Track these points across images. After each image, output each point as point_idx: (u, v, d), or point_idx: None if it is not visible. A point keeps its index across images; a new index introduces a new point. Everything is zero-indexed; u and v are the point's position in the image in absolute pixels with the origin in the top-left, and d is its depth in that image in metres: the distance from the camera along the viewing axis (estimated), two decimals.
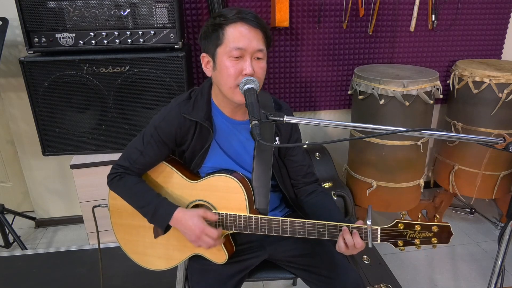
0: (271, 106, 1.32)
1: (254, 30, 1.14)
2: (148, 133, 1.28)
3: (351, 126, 1.11)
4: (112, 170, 1.32)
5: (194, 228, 1.21)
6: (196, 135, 1.28)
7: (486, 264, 2.28)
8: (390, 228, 1.13)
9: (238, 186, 1.25)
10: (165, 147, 1.29)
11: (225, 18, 1.14)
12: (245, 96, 1.11)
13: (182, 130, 1.27)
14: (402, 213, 1.14)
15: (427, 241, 1.12)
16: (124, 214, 1.36)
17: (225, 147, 1.32)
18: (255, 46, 1.14)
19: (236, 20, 1.13)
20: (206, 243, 1.22)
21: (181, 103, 1.28)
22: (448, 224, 1.11)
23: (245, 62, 1.14)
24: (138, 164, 1.29)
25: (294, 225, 1.21)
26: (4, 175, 2.69)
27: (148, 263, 1.39)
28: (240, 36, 1.13)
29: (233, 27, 1.14)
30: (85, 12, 1.86)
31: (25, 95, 2.03)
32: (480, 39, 2.62)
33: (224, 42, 1.15)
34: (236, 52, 1.13)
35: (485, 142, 1.04)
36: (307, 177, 1.41)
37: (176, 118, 1.26)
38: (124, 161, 1.30)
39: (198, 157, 1.30)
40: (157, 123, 1.27)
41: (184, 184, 1.30)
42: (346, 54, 2.52)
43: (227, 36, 1.14)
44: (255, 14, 1.16)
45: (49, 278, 2.01)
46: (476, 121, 2.33)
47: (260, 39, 1.15)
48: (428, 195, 2.83)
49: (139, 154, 1.28)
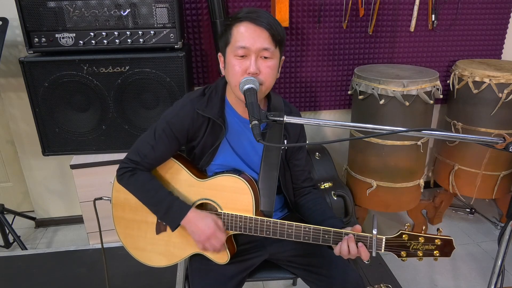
0: (281, 108, 1.34)
1: (260, 29, 1.14)
2: (160, 127, 1.28)
3: (351, 126, 1.11)
4: (122, 164, 1.30)
5: (206, 229, 1.22)
6: (208, 131, 1.28)
7: (486, 264, 2.28)
8: (394, 239, 1.14)
9: (246, 187, 1.25)
10: (176, 142, 1.29)
11: (234, 18, 1.16)
12: (245, 96, 1.11)
13: (194, 126, 1.27)
14: (407, 224, 1.16)
15: (429, 254, 1.13)
16: (127, 207, 1.36)
17: (235, 146, 1.32)
18: (259, 45, 1.14)
19: (242, 20, 1.15)
20: (213, 246, 1.24)
21: (195, 99, 1.28)
22: (451, 238, 1.12)
23: (249, 61, 1.15)
24: (148, 159, 1.28)
25: (300, 230, 1.22)
26: (4, 175, 2.69)
27: (147, 259, 1.38)
28: (244, 35, 1.14)
29: (238, 27, 1.15)
30: (85, 12, 1.86)
31: (25, 95, 2.03)
32: (480, 39, 2.62)
33: (231, 42, 1.16)
34: (241, 51, 1.14)
35: (485, 142, 1.04)
36: (306, 182, 1.44)
37: (189, 114, 1.26)
38: (134, 156, 1.28)
39: (207, 155, 1.30)
40: (169, 118, 1.27)
41: (192, 181, 1.30)
42: (346, 54, 2.52)
43: (233, 36, 1.16)
44: (266, 14, 1.16)
45: (49, 278, 2.01)
46: (476, 121, 2.33)
47: (266, 38, 1.15)
48: (428, 195, 2.83)
49: (150, 149, 1.27)
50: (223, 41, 1.20)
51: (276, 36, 1.16)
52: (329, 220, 1.28)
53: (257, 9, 1.18)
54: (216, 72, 2.44)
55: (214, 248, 1.24)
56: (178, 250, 1.35)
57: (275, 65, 1.20)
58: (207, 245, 1.24)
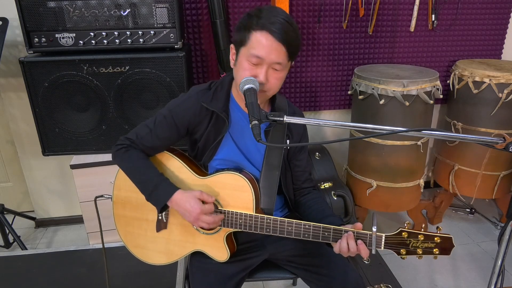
0: (285, 109, 1.35)
1: (277, 44, 1.13)
2: (161, 114, 1.29)
3: (351, 126, 1.11)
4: (118, 141, 1.32)
5: (192, 210, 1.21)
6: (211, 125, 1.29)
7: (486, 264, 2.28)
8: (394, 236, 1.15)
9: (247, 185, 1.25)
10: (175, 131, 1.29)
11: (256, 20, 1.13)
12: (245, 96, 1.12)
13: (196, 118, 1.28)
14: (406, 222, 1.16)
15: (429, 252, 1.14)
16: (128, 205, 1.37)
17: (238, 141, 1.33)
18: (273, 59, 1.15)
19: (263, 28, 1.13)
20: (206, 224, 1.22)
21: (200, 92, 1.29)
22: (451, 236, 1.12)
23: (260, 70, 1.16)
24: (144, 141, 1.29)
25: (300, 227, 1.22)
26: (4, 175, 2.69)
27: (147, 257, 1.39)
28: (262, 46, 1.13)
29: (258, 34, 1.13)
30: (85, 12, 1.86)
31: (25, 95, 2.03)
32: (480, 39, 2.62)
33: (247, 45, 1.16)
34: (254, 59, 1.15)
35: (485, 142, 1.04)
36: (306, 183, 1.44)
37: (193, 105, 1.27)
38: (131, 135, 1.31)
39: (210, 149, 1.31)
40: (173, 107, 1.29)
41: (193, 179, 1.31)
42: (346, 54, 2.52)
43: (251, 41, 1.15)
44: (285, 26, 1.13)
45: (49, 278, 2.01)
46: (476, 121, 2.33)
47: (280, 52, 1.15)
48: (428, 195, 2.83)
49: (148, 131, 1.29)
50: (239, 38, 1.18)
51: (292, 51, 1.17)
52: (328, 218, 1.29)
53: (278, 16, 1.14)
54: (216, 72, 2.44)
55: (208, 225, 1.23)
56: (178, 248, 1.35)
57: (284, 76, 1.21)
58: (199, 223, 1.23)
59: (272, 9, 1.17)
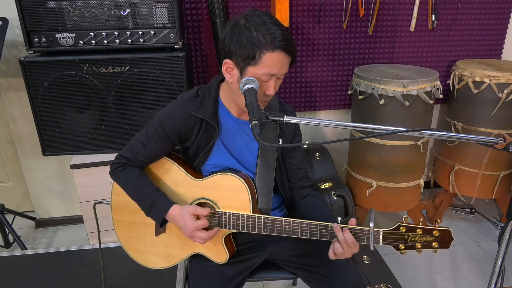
0: (276, 107, 1.34)
1: (287, 58, 1.15)
2: (152, 126, 1.30)
3: (351, 126, 1.11)
4: (115, 160, 1.34)
5: (186, 227, 1.23)
6: (202, 132, 1.29)
7: (486, 264, 2.28)
8: (392, 231, 1.14)
9: (243, 185, 1.25)
10: (168, 141, 1.30)
11: (264, 41, 1.10)
12: (245, 96, 1.11)
13: (187, 126, 1.28)
14: (404, 217, 1.15)
15: (428, 245, 1.13)
16: (126, 211, 1.37)
17: (229, 146, 1.33)
18: (283, 71, 1.16)
19: (275, 48, 1.11)
20: (201, 239, 1.23)
21: (188, 100, 1.28)
22: (449, 229, 1.12)
23: (269, 83, 1.16)
24: (140, 156, 1.30)
25: (297, 226, 1.22)
26: (4, 175, 2.69)
27: (148, 262, 1.39)
28: (276, 64, 1.13)
29: (272, 55, 1.11)
30: (85, 12, 1.86)
31: (25, 95, 2.03)
32: (480, 39, 2.62)
33: (259, 65, 1.12)
34: (267, 77, 1.15)
35: (485, 142, 1.04)
36: (303, 181, 1.43)
37: (182, 114, 1.27)
38: (127, 152, 1.32)
39: (201, 155, 1.31)
40: (162, 118, 1.29)
41: (189, 181, 1.31)
42: (346, 54, 2.51)
43: (264, 61, 1.12)
44: (287, 36, 1.12)
45: (49, 278, 2.01)
46: (476, 121, 2.33)
47: (288, 64, 1.17)
48: (428, 195, 2.83)
49: (142, 147, 1.29)
50: (243, 55, 1.12)
51: (294, 59, 1.18)
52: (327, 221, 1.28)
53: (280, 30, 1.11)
54: (216, 72, 2.44)
55: (203, 241, 1.24)
56: (177, 251, 1.35)
57: None
58: (195, 240, 1.24)
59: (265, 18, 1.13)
